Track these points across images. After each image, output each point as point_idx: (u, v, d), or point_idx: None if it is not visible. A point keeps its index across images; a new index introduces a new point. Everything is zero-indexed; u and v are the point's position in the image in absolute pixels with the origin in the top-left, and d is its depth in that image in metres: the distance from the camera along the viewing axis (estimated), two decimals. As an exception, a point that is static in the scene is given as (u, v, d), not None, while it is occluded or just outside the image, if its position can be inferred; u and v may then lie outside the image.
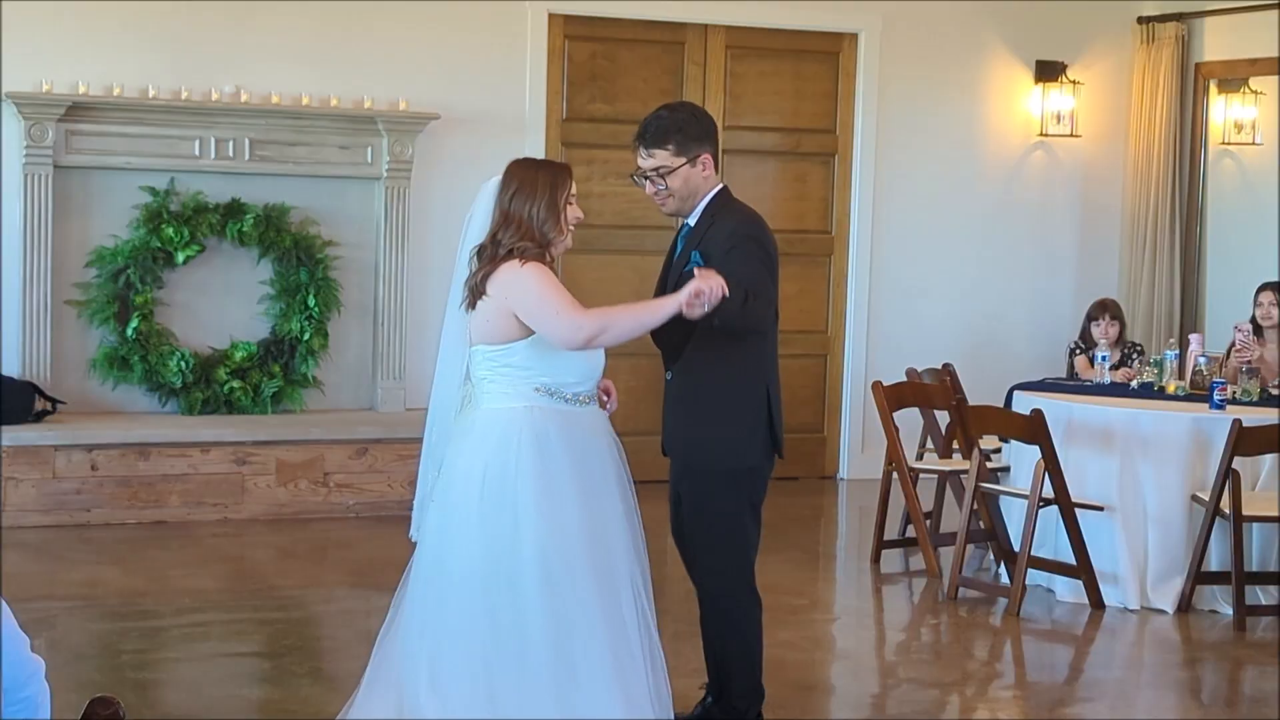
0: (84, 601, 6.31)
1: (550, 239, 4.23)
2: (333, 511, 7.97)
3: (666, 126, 4.49)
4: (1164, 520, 6.59)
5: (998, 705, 5.44)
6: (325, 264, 8.31)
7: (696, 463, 4.57)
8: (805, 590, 6.85)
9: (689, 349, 4.51)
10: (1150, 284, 9.75)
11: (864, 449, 9.46)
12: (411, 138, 8.35)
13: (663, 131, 4.48)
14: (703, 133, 4.51)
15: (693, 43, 9.15)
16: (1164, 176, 9.68)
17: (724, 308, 4.15)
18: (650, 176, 4.52)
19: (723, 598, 4.64)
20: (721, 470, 4.53)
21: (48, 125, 7.80)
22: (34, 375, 7.88)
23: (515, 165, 4.33)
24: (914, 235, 9.59)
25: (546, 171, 4.29)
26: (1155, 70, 9.70)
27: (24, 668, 2.77)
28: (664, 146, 4.48)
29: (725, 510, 4.54)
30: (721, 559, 4.59)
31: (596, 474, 4.21)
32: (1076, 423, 6.75)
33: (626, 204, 9.05)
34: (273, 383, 8.25)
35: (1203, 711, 5.48)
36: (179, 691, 5.29)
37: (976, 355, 9.42)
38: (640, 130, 4.55)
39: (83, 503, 7.62)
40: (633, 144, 4.61)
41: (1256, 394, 6.97)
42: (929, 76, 9.54)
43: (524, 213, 4.19)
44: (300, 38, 8.35)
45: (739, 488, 4.54)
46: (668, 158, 4.48)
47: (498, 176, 4.29)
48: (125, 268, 8.00)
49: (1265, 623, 6.43)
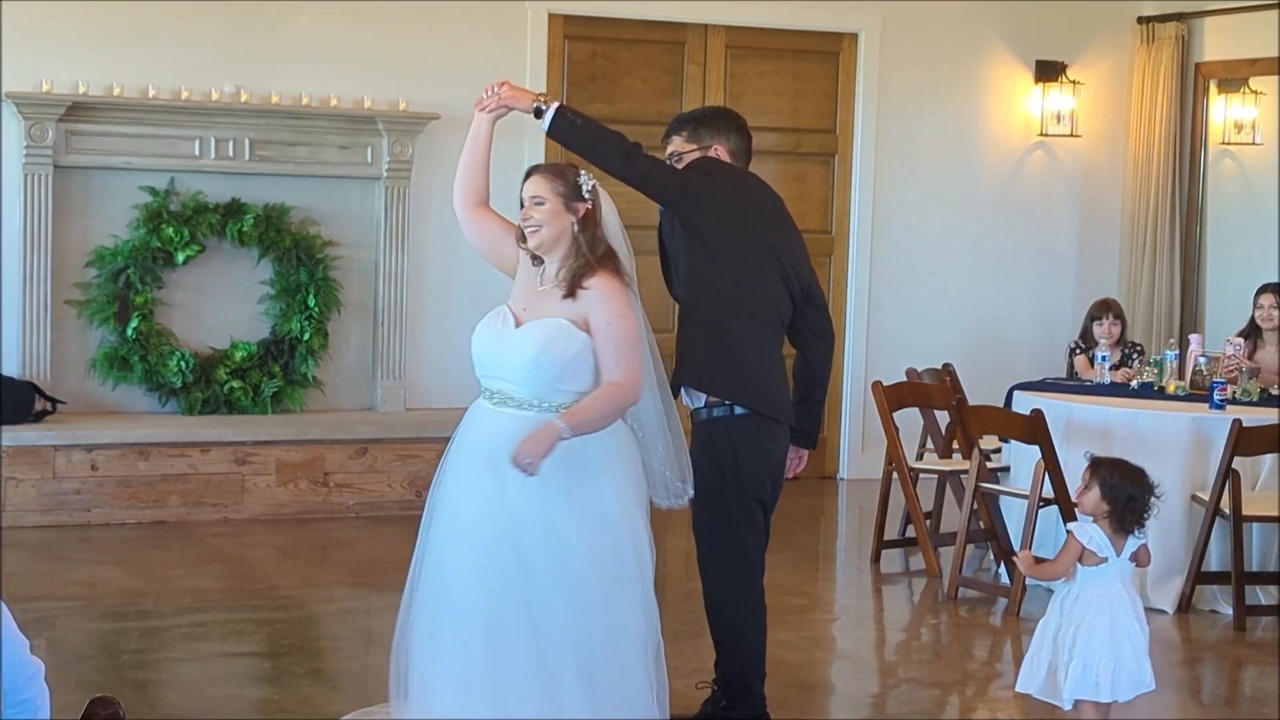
0: (84, 601, 6.31)
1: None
2: (333, 511, 7.97)
3: (686, 117, 4.83)
4: (1164, 520, 6.55)
5: (998, 705, 5.44)
6: (325, 264, 8.31)
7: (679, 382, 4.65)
8: (805, 590, 6.85)
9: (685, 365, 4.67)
10: (1150, 284, 9.75)
11: (864, 449, 9.46)
12: (411, 138, 8.35)
13: (681, 120, 4.81)
14: (723, 126, 4.75)
15: (693, 43, 9.15)
16: (1164, 176, 9.68)
17: (588, 131, 4.57)
18: (670, 163, 4.75)
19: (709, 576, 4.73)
20: (699, 421, 4.62)
21: (48, 125, 7.80)
22: (34, 375, 7.88)
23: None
24: (914, 235, 9.59)
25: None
26: (1155, 70, 9.70)
27: (24, 670, 2.77)
28: (679, 133, 4.77)
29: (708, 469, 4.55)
30: (709, 530, 4.68)
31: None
32: (1076, 423, 6.75)
33: (626, 204, 8.91)
34: (273, 383, 8.25)
35: (1203, 711, 5.48)
36: (179, 691, 5.28)
37: (976, 355, 9.42)
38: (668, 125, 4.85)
39: (83, 503, 7.62)
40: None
41: (1256, 394, 6.97)
42: (929, 76, 9.54)
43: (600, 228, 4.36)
44: (300, 38, 8.35)
45: (722, 439, 4.57)
46: (680, 143, 4.76)
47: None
48: (125, 268, 8.00)
49: (1265, 623, 6.43)
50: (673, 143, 4.78)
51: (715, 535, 4.66)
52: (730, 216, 4.63)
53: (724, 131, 4.74)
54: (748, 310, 4.62)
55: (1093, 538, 4.56)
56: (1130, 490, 4.60)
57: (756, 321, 4.63)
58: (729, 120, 4.78)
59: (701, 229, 4.59)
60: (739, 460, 4.60)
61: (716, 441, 4.60)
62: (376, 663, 5.56)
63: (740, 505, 4.64)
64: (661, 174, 4.61)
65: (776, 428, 4.67)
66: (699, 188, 4.60)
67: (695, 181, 4.62)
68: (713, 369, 4.59)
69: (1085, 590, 4.57)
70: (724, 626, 4.74)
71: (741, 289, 4.60)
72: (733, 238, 4.60)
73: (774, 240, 4.68)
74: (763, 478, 4.66)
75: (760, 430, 4.63)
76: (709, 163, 4.71)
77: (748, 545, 4.69)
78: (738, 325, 4.60)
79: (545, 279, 4.25)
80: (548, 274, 4.25)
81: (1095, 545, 4.56)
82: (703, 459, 4.55)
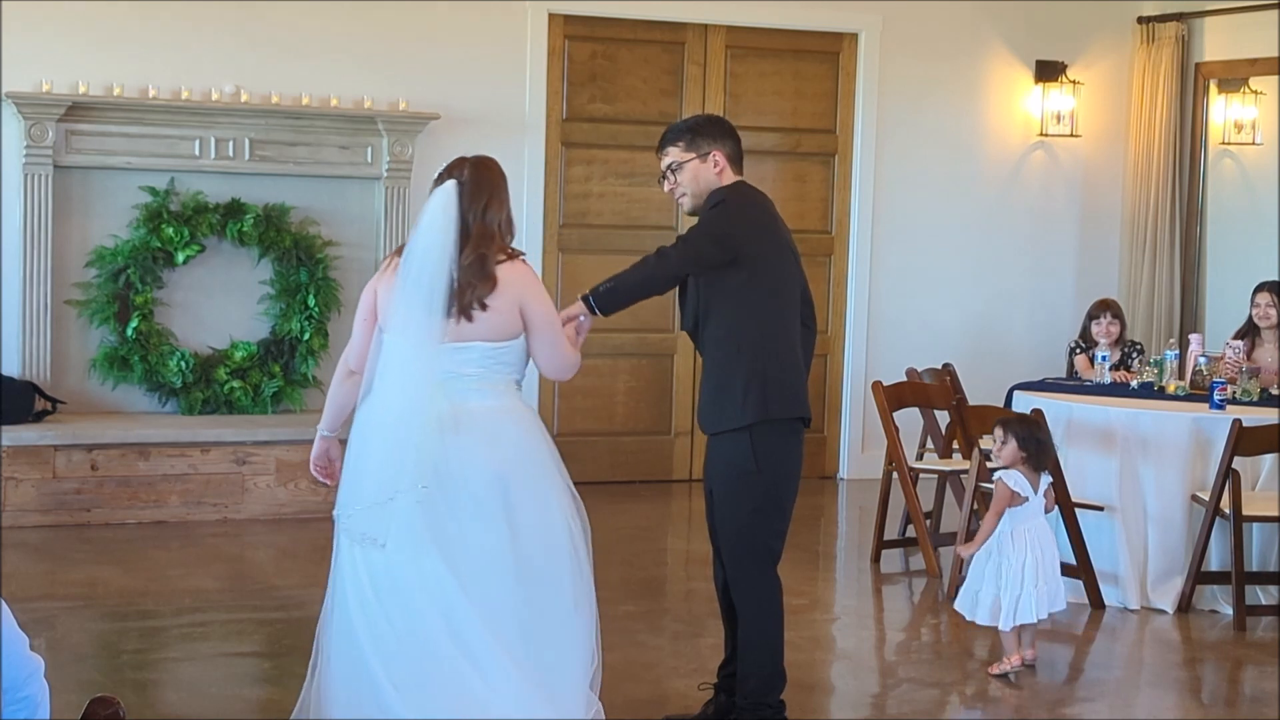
0: (84, 601, 6.31)
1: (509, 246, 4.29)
2: (333, 511, 7.95)
3: (680, 127, 4.80)
4: (1164, 520, 6.59)
5: (998, 705, 5.44)
6: (325, 264, 8.32)
7: (708, 428, 4.77)
8: (805, 590, 6.84)
9: (702, 332, 4.74)
10: (1150, 284, 9.75)
11: (864, 449, 9.46)
12: (411, 138, 8.35)
13: (675, 131, 4.79)
14: (717, 133, 4.75)
15: (693, 43, 9.15)
16: (1164, 176, 9.68)
17: (624, 284, 4.56)
18: (665, 174, 4.78)
19: (739, 577, 4.73)
20: (726, 433, 4.67)
21: (48, 125, 7.80)
22: (34, 375, 7.88)
23: (483, 171, 4.30)
24: (914, 235, 9.59)
25: (503, 181, 4.30)
26: (1155, 70, 9.70)
27: (23, 667, 2.77)
28: (676, 143, 4.76)
29: (734, 472, 4.66)
30: (739, 532, 4.71)
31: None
32: (1076, 423, 6.75)
33: (626, 204, 9.06)
34: (273, 383, 8.25)
35: (1203, 711, 5.48)
36: (179, 691, 5.28)
37: (976, 355, 9.43)
38: (661, 136, 4.84)
39: (83, 503, 7.62)
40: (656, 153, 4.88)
41: (1256, 394, 6.97)
42: (929, 76, 9.54)
43: (495, 226, 4.22)
44: (300, 38, 8.35)
45: (748, 449, 4.63)
46: (678, 153, 4.74)
47: (452, 181, 4.24)
48: (125, 268, 8.00)
49: (1265, 623, 6.43)
50: (669, 154, 4.77)
51: (743, 511, 4.70)
52: (759, 232, 4.70)
53: (719, 137, 4.74)
54: (788, 315, 4.72)
55: (1017, 480, 5.60)
56: (1037, 435, 5.73)
57: (790, 321, 4.72)
58: (721, 126, 4.80)
59: (744, 258, 4.63)
60: (784, 466, 4.71)
61: (760, 450, 4.66)
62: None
63: (773, 503, 4.72)
64: (696, 249, 4.64)
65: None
66: (724, 229, 4.64)
67: (718, 226, 4.65)
68: (774, 391, 4.65)
69: (1015, 529, 5.57)
70: (757, 612, 4.75)
71: (779, 297, 4.69)
72: (768, 252, 4.68)
73: (789, 238, 4.80)
74: (796, 480, 4.80)
75: (799, 436, 4.76)
76: (733, 196, 4.71)
77: (771, 521, 4.74)
78: (784, 335, 4.70)
79: None
80: None
81: (1020, 487, 5.59)
82: (738, 463, 4.66)
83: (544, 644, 4.13)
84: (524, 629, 4.11)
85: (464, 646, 4.04)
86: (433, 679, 4.04)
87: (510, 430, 4.20)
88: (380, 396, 4.21)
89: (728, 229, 4.63)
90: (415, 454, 4.08)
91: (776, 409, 4.63)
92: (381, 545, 4.09)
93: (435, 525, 4.08)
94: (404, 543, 4.08)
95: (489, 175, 4.28)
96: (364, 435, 4.23)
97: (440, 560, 4.06)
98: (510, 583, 4.10)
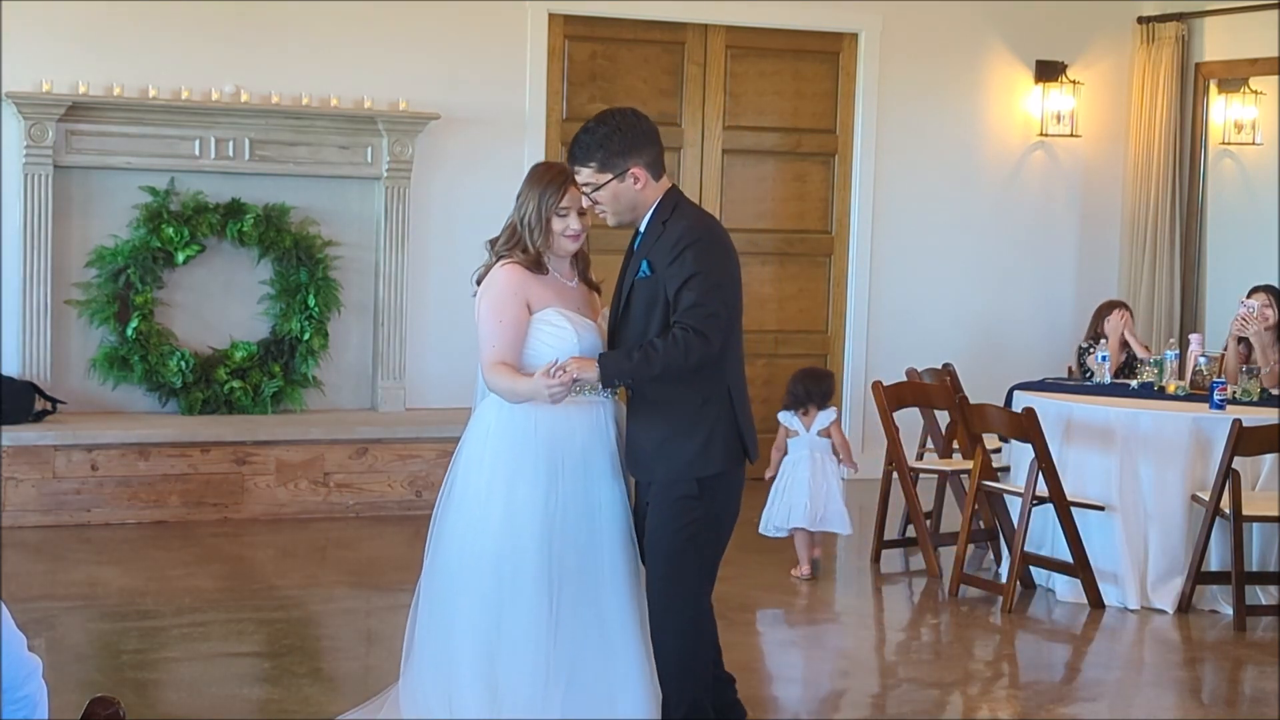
0: (84, 601, 6.30)
1: (540, 248, 4.36)
2: (333, 511, 7.97)
3: (588, 144, 4.25)
4: (1164, 520, 6.59)
5: (998, 705, 5.44)
6: (325, 264, 8.32)
7: (659, 476, 4.31)
8: (805, 590, 6.84)
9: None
10: (1150, 284, 9.75)
11: (864, 449, 9.44)
12: (411, 138, 8.35)
13: (584, 149, 4.26)
14: (629, 146, 4.24)
15: (693, 43, 9.15)
16: (1164, 176, 9.68)
17: (646, 369, 4.15)
18: (585, 192, 4.33)
19: (663, 610, 4.36)
20: (682, 481, 4.27)
21: (48, 125, 7.80)
22: (34, 375, 7.88)
23: (531, 170, 4.48)
24: (914, 235, 9.59)
25: (542, 181, 4.37)
26: (1155, 70, 9.70)
27: (22, 667, 2.77)
28: (587, 164, 4.26)
29: (680, 522, 4.28)
30: (670, 570, 4.33)
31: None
32: (1077, 422, 6.75)
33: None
34: (273, 383, 8.26)
35: (1203, 711, 5.48)
36: (179, 691, 5.28)
37: (976, 355, 9.42)
38: (570, 146, 4.34)
39: (83, 503, 7.62)
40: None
41: (1256, 394, 6.97)
42: (929, 76, 9.54)
43: (518, 219, 4.38)
44: (300, 38, 8.35)
45: (698, 498, 4.29)
46: (592, 175, 4.26)
47: None
48: (125, 268, 8.00)
49: (1265, 623, 6.42)
50: (582, 175, 4.26)
51: (677, 553, 4.33)
52: (736, 280, 4.36)
53: (634, 149, 4.23)
54: (739, 348, 4.43)
55: (788, 420, 6.99)
56: (804, 384, 7.01)
57: (741, 360, 4.45)
58: (635, 132, 4.25)
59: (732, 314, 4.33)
60: (717, 481, 4.36)
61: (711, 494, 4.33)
62: (376, 663, 5.57)
63: (712, 521, 4.37)
64: (706, 326, 4.14)
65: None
66: (710, 286, 4.19)
67: (715, 300, 4.19)
68: (749, 439, 4.37)
69: (793, 456, 6.95)
70: (674, 641, 4.38)
71: (740, 343, 4.43)
72: (738, 299, 4.38)
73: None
74: (733, 493, 4.45)
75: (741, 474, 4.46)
76: (702, 233, 4.25)
77: (703, 562, 4.39)
78: (735, 382, 4.38)
79: (566, 275, 4.46)
80: (565, 271, 4.46)
81: (788, 423, 7.00)
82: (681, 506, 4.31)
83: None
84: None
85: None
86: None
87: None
88: None
89: (720, 288, 4.22)
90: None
91: (737, 456, 4.32)
92: None
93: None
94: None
95: (530, 175, 4.43)
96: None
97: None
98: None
